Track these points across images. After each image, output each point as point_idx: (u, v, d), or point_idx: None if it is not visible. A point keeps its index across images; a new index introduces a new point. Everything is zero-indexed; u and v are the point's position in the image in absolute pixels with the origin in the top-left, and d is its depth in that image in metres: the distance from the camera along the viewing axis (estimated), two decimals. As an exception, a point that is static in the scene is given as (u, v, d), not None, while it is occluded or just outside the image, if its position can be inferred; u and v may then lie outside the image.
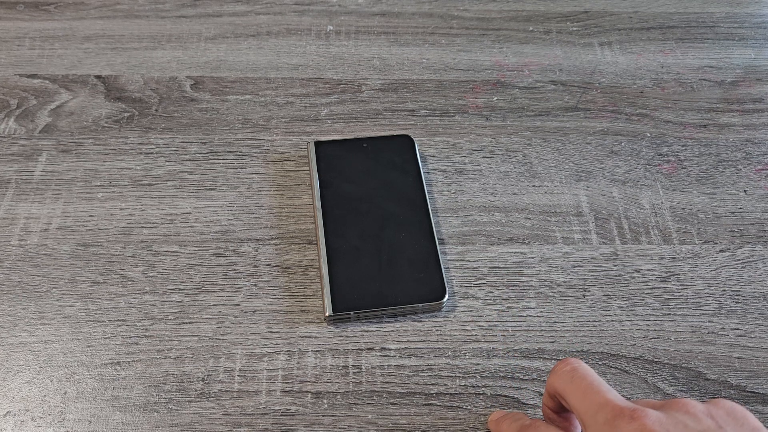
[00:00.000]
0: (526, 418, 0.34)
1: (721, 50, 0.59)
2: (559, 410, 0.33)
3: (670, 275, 0.44)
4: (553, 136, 0.52)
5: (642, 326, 0.42)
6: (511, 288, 0.43)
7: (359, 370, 0.40)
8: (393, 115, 0.53)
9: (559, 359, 0.40)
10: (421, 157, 0.49)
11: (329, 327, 0.42)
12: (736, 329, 0.42)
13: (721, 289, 0.44)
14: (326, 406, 0.39)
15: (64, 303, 0.42)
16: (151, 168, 0.48)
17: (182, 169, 0.49)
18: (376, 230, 0.44)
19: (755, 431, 0.27)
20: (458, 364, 0.40)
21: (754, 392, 0.40)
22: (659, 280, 0.44)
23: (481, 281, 0.44)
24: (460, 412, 0.39)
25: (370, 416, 0.38)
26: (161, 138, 0.50)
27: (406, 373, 0.40)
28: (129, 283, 0.43)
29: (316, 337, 0.41)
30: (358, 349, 0.41)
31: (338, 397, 0.39)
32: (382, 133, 0.50)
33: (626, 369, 0.40)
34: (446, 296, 0.42)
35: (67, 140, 0.50)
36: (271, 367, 0.40)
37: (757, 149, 0.52)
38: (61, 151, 0.49)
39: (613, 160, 0.50)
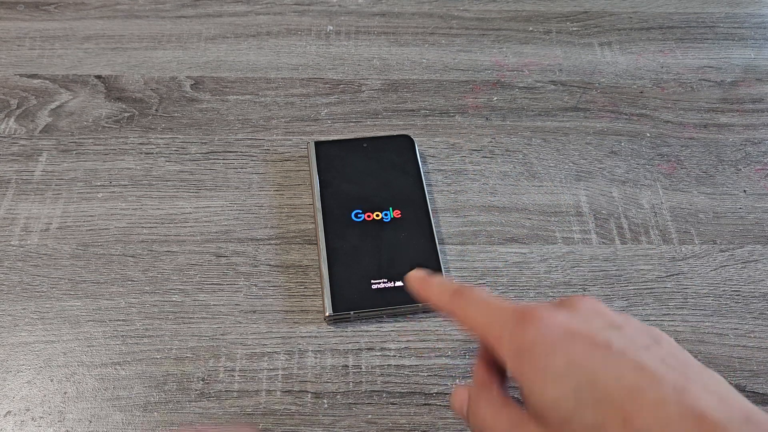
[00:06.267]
0: (454, 284, 0.29)
1: (721, 50, 0.59)
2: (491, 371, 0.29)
3: (670, 275, 0.44)
4: (552, 136, 0.52)
5: (642, 326, 0.42)
6: (511, 288, 0.43)
7: (359, 370, 0.40)
8: (393, 115, 0.53)
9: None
10: (421, 157, 0.49)
11: (329, 327, 0.42)
12: (735, 329, 0.42)
13: (721, 289, 0.44)
14: (326, 405, 0.39)
15: (64, 303, 0.42)
16: (151, 168, 0.48)
17: (182, 169, 0.49)
18: (376, 230, 0.44)
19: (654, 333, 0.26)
20: (458, 364, 0.40)
21: (754, 392, 0.40)
22: (659, 280, 0.44)
23: (481, 281, 0.44)
24: (460, 412, 0.39)
25: (370, 416, 0.38)
26: (161, 138, 0.50)
27: (405, 372, 0.40)
28: (129, 283, 0.43)
29: (316, 337, 0.41)
30: (358, 349, 0.41)
31: (338, 396, 0.39)
32: (382, 133, 0.50)
33: (626, 369, 0.40)
34: (446, 296, 0.42)
35: (68, 140, 0.50)
36: (271, 367, 0.40)
37: (757, 149, 0.52)
38: (62, 151, 0.49)
39: (612, 160, 0.50)
